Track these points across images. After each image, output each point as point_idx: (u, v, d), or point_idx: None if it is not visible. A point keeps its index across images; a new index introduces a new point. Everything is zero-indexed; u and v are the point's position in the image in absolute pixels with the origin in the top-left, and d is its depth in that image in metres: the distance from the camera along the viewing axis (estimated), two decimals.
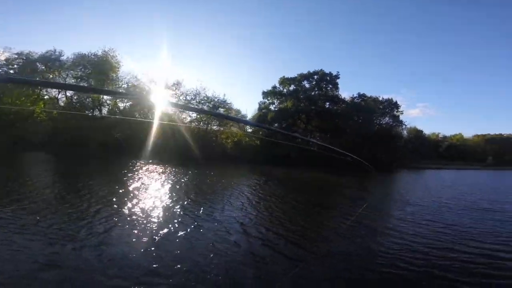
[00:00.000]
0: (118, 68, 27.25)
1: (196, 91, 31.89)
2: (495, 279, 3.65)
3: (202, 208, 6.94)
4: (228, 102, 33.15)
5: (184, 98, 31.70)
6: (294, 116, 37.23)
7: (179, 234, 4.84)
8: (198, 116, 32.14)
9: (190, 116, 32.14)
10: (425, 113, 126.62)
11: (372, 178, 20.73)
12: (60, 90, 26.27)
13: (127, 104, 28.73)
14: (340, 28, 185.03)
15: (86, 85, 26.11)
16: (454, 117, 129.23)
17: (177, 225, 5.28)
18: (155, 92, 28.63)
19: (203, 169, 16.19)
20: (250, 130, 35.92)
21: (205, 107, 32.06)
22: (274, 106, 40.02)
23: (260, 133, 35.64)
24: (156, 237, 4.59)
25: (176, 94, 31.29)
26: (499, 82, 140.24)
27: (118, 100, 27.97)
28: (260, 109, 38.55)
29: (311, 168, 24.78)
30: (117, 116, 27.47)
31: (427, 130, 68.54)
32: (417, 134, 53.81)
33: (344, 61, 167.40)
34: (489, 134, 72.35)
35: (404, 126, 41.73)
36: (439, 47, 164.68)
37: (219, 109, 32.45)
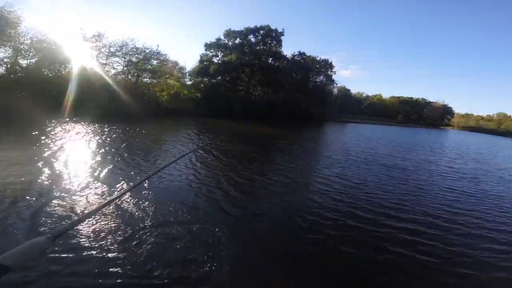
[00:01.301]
0: (18, 23, 22.14)
1: (123, 42, 28.07)
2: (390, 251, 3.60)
3: (127, 168, 6.49)
4: (163, 53, 30.32)
5: (107, 50, 27.77)
6: (238, 69, 36.93)
7: (92, 193, 4.69)
8: (125, 68, 28.95)
9: (115, 68, 28.68)
10: (355, 75, 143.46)
11: (304, 132, 23.11)
12: None
13: (32, 60, 23.90)
14: None
15: None
16: (377, 80, 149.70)
17: (94, 187, 5.00)
18: (70, 46, 24.63)
19: (133, 125, 15.06)
20: (189, 83, 34.68)
21: (133, 59, 28.80)
22: (217, 58, 38.58)
23: (202, 85, 34.76)
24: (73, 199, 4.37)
25: (96, 46, 27.25)
26: (416, 53, 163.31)
27: (18, 56, 23.02)
28: (201, 61, 36.63)
29: (253, 121, 26.28)
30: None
31: (354, 90, 77.97)
32: (345, 92, 60.96)
33: (287, 20, 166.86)
34: (402, 96, 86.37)
35: (335, 85, 46.44)
36: (375, 16, 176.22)
37: (152, 60, 29.59)
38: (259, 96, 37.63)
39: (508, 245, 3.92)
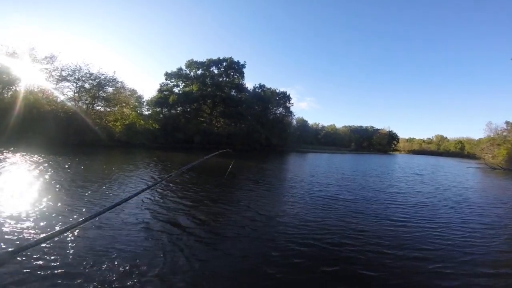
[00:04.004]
0: None
1: (76, 66, 26.46)
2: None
3: (79, 199, 6.02)
4: (119, 80, 29.09)
5: (58, 74, 25.90)
6: (199, 100, 36.91)
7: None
8: (76, 95, 26.93)
9: (65, 94, 26.53)
10: (311, 106, 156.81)
11: (267, 162, 23.11)
12: None
13: None
14: (249, 21, 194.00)
15: None
16: (330, 111, 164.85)
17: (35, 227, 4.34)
18: (17, 67, 22.53)
19: (78, 157, 13.79)
20: (147, 113, 33.35)
21: (86, 85, 27.08)
22: (178, 89, 38.26)
23: (161, 115, 33.67)
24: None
25: (47, 69, 25.30)
26: (365, 84, 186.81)
27: None
28: (161, 90, 35.84)
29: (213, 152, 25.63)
30: None
31: (311, 120, 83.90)
32: (303, 123, 65.37)
33: (250, 52, 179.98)
34: (353, 125, 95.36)
35: (293, 116, 49.52)
36: (326, 49, 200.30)
37: (106, 87, 28.09)
38: (221, 128, 37.73)
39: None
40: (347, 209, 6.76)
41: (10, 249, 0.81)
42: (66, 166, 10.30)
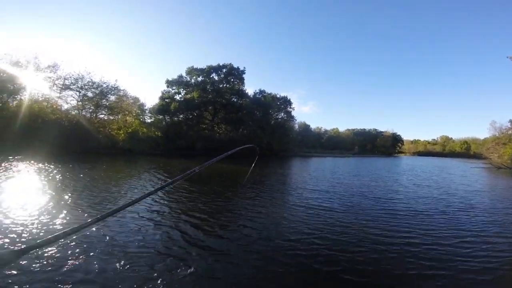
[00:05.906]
0: None
1: (78, 74, 27.16)
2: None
3: (85, 204, 6.30)
4: (122, 88, 29.65)
5: (61, 83, 26.61)
6: (200, 107, 37.19)
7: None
8: (80, 103, 27.50)
9: (68, 103, 27.19)
10: (313, 110, 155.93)
11: (267, 167, 22.90)
12: None
13: None
14: (249, 25, 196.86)
15: None
16: (333, 114, 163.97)
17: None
18: (22, 76, 23.37)
19: (82, 164, 14.07)
20: (150, 121, 33.71)
21: (89, 94, 27.71)
22: (179, 96, 38.63)
23: (164, 123, 33.99)
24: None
25: (50, 78, 26.13)
26: (367, 86, 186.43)
27: None
28: (162, 98, 36.24)
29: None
30: None
31: (313, 124, 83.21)
32: (305, 127, 65.21)
33: (249, 57, 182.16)
34: (356, 128, 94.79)
35: (295, 121, 49.56)
36: (328, 53, 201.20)
37: (109, 96, 28.63)
38: (223, 134, 37.88)
39: None
40: (345, 221, 6.03)
41: (15, 249, 0.84)
42: (67, 174, 10.47)
